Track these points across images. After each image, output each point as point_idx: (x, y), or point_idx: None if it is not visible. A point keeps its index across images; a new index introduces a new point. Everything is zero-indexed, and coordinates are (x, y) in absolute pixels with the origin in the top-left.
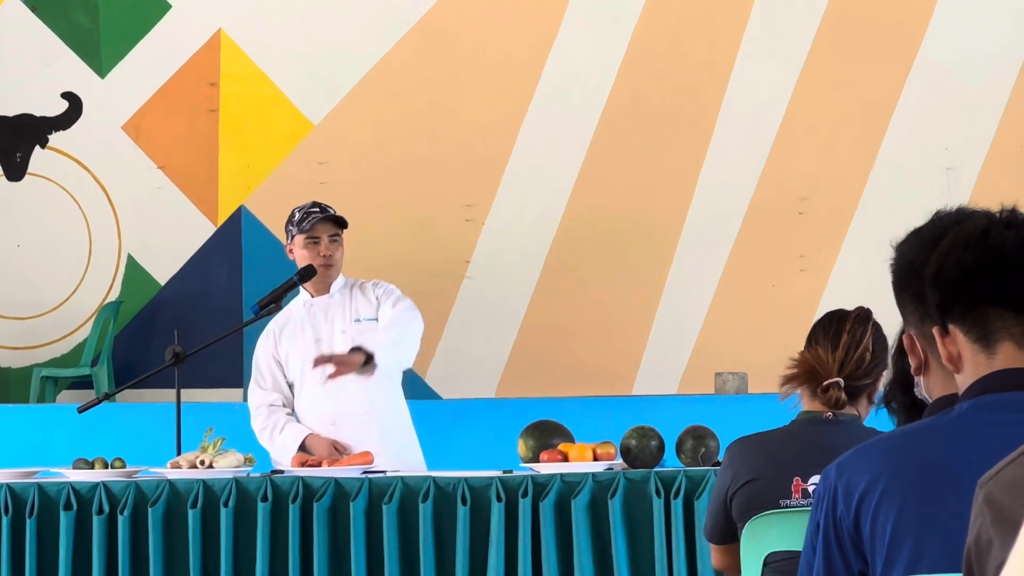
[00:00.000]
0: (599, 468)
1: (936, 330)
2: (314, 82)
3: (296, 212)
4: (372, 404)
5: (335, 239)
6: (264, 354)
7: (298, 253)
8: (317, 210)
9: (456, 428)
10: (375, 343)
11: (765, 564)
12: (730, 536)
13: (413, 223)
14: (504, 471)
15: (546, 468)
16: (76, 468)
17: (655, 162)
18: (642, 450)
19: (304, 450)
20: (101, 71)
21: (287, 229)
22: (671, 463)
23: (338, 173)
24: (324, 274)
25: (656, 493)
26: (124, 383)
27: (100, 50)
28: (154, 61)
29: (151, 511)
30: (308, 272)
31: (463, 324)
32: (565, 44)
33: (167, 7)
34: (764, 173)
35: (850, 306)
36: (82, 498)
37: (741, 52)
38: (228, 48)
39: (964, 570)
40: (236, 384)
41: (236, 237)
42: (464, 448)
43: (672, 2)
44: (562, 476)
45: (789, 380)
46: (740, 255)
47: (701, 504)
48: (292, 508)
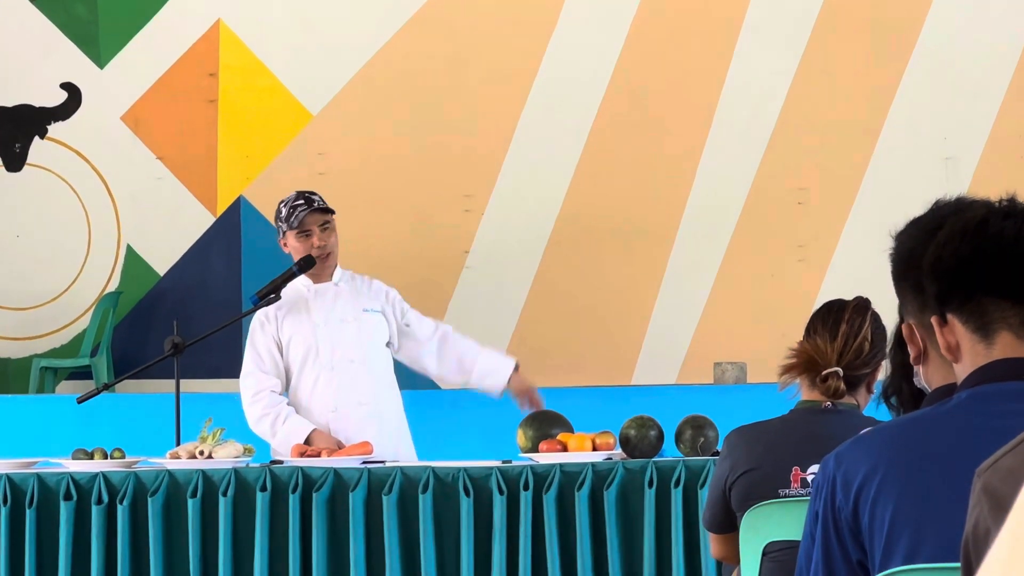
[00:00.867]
0: (598, 458)
1: (935, 320)
2: (313, 73)
3: (282, 207)
4: (373, 394)
5: (326, 227)
6: (264, 337)
7: (292, 246)
8: (302, 203)
9: (455, 418)
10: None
11: (764, 553)
12: (729, 525)
13: (412, 213)
14: (503, 461)
15: (545, 458)
16: (75, 458)
17: (654, 152)
18: (641, 440)
19: (307, 444)
20: (100, 62)
21: (276, 224)
22: (670, 453)
23: (337, 163)
24: (323, 263)
25: (655, 483)
26: (123, 373)
27: (99, 40)
28: (153, 52)
29: (151, 501)
30: (307, 262)
31: (462, 314)
32: (564, 33)
33: None
34: (763, 163)
35: (849, 296)
36: (81, 488)
37: (740, 42)
38: (227, 39)
39: (962, 559)
40: (235, 374)
41: (235, 228)
42: (463, 438)
43: None
44: (561, 466)
45: (788, 370)
46: (739, 245)
47: (700, 494)
48: (292, 498)
